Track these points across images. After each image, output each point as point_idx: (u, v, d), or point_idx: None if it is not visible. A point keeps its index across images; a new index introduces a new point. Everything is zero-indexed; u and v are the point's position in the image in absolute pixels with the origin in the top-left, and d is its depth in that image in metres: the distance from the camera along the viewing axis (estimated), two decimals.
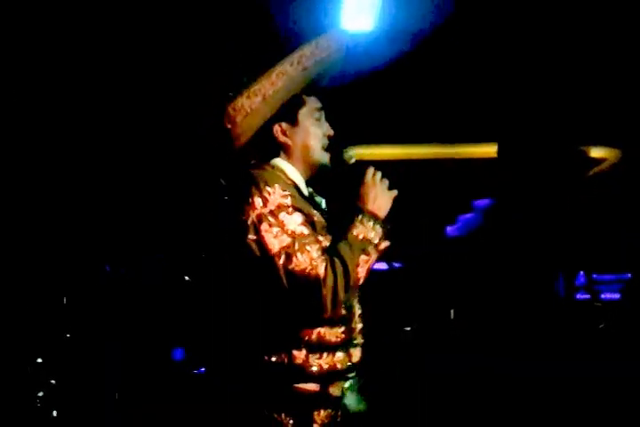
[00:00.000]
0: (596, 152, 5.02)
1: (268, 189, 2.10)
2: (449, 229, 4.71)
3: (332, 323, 2.12)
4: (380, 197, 2.15)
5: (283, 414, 2.13)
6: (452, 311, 4.51)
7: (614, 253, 4.64)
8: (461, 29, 4.86)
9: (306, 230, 2.06)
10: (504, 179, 4.82)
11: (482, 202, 4.72)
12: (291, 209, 2.08)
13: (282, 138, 2.27)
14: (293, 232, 2.05)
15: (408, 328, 4.58)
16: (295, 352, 2.11)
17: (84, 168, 4.83)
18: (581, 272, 4.59)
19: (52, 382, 4.31)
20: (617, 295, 4.55)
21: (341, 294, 2.03)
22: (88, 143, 4.84)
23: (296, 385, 2.13)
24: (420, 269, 4.61)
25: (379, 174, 2.19)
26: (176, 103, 4.73)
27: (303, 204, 2.15)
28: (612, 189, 4.76)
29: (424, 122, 5.13)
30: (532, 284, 4.47)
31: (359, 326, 2.22)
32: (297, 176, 2.26)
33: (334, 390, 2.17)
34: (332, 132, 2.30)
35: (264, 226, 2.07)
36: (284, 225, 2.06)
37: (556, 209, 4.61)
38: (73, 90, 4.77)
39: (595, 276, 4.58)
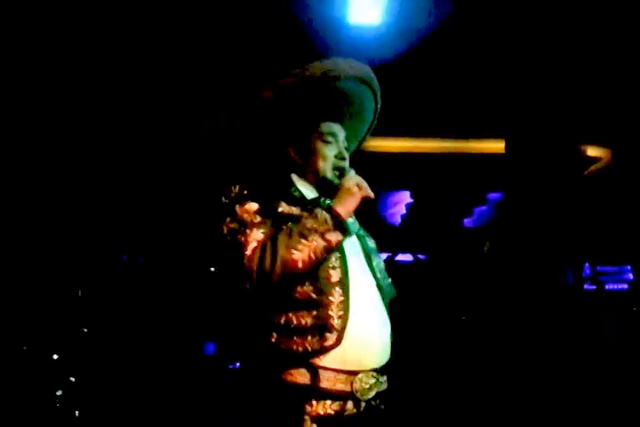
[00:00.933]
0: (592, 151, 5.22)
1: (231, 186, 2.36)
2: (466, 221, 4.76)
3: (301, 306, 2.24)
4: (345, 197, 2.30)
5: (274, 404, 2.20)
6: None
7: (617, 245, 4.84)
8: (470, 24, 4.92)
9: (257, 218, 2.28)
10: (511, 174, 4.93)
11: (495, 195, 4.81)
12: (247, 200, 2.31)
13: (295, 158, 2.50)
14: (243, 220, 2.27)
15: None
16: (270, 335, 2.24)
17: (102, 162, 4.60)
18: (586, 264, 4.76)
19: (72, 379, 4.02)
20: (620, 286, 4.76)
21: (268, 270, 2.18)
22: (103, 141, 4.63)
23: (284, 375, 2.22)
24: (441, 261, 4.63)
25: (356, 179, 2.34)
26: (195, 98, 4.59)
27: (273, 198, 2.36)
28: (611, 185, 4.97)
29: (437, 117, 5.16)
30: (542, 275, 4.59)
31: (339, 312, 2.26)
32: (305, 188, 2.47)
33: (336, 384, 2.21)
34: (345, 156, 2.47)
35: (223, 215, 2.32)
36: (236, 214, 2.30)
37: (559, 203, 4.76)
38: (75, 88, 4.55)
39: (599, 267, 4.77)
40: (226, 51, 4.55)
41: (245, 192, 2.33)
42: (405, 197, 4.70)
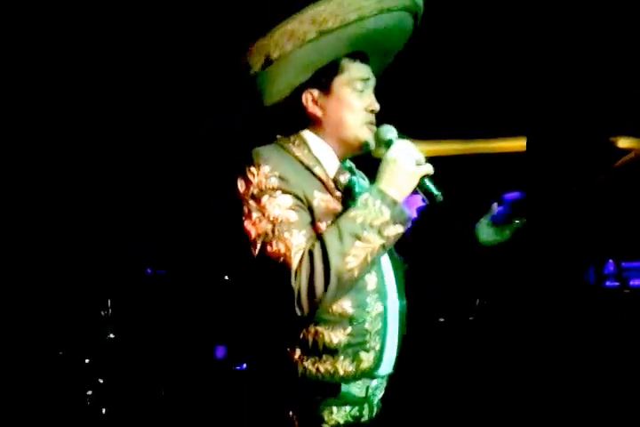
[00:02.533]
0: (623, 142, 5.04)
1: (253, 169, 1.87)
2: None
3: (334, 322, 1.88)
4: (398, 175, 1.84)
5: (290, 412, 1.92)
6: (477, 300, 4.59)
7: None
8: (489, 22, 4.88)
9: (293, 216, 1.82)
10: (533, 172, 4.88)
11: (511, 195, 4.77)
12: (278, 192, 1.84)
13: (311, 108, 2.01)
14: (275, 218, 1.81)
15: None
16: (289, 353, 1.90)
17: (123, 176, 4.97)
18: (610, 260, 4.62)
19: (100, 381, 4.50)
20: None
21: (319, 289, 1.75)
22: (124, 154, 4.97)
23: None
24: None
25: (406, 148, 1.89)
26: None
27: (306, 185, 1.90)
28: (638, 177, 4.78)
29: (454, 118, 5.18)
30: (562, 273, 4.52)
31: (377, 327, 1.94)
32: (325, 153, 2.00)
33: (352, 389, 1.96)
34: (376, 107, 2.01)
35: (244, 210, 1.87)
36: (265, 210, 1.83)
37: (584, 198, 4.65)
38: (77, 86, 4.81)
39: (624, 264, 4.61)
40: (224, 48, 4.73)
41: (274, 180, 1.84)
42: (417, 201, 4.81)
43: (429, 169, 1.87)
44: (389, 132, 1.96)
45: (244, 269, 1.93)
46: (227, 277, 4.69)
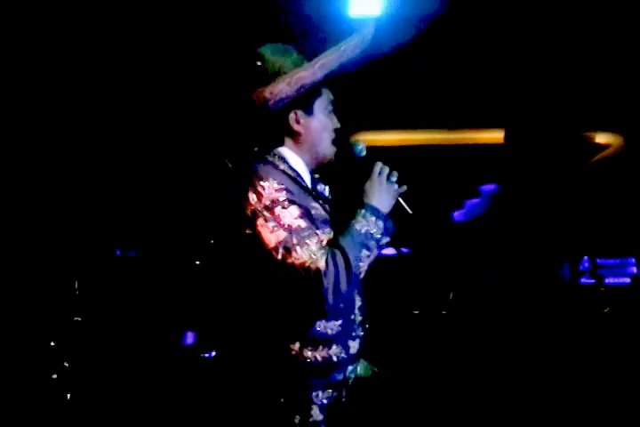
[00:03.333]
0: (600, 138, 5.05)
1: (262, 183, 2.11)
2: (456, 214, 4.74)
3: (329, 316, 2.15)
4: (384, 194, 2.19)
5: (281, 396, 2.18)
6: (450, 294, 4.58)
7: (618, 237, 4.68)
8: (469, 14, 4.86)
9: (303, 224, 2.08)
10: (510, 164, 4.86)
11: (488, 187, 4.76)
12: (286, 203, 2.09)
13: (295, 126, 2.27)
14: (290, 226, 2.06)
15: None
16: (290, 345, 2.16)
17: (96, 157, 4.89)
18: (585, 257, 4.63)
19: (65, 364, 4.41)
20: (621, 280, 4.60)
21: (343, 287, 2.03)
22: (101, 134, 4.90)
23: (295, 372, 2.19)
24: (427, 254, 4.65)
25: (386, 170, 2.22)
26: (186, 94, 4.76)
27: (302, 196, 2.17)
28: (615, 174, 4.80)
29: (431, 108, 5.15)
30: (536, 269, 4.52)
31: (359, 318, 2.25)
32: (301, 167, 2.28)
33: (335, 374, 2.24)
34: (339, 126, 2.33)
35: (260, 221, 2.09)
36: (280, 219, 2.07)
37: (560, 194, 4.65)
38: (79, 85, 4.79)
39: (599, 260, 4.62)
40: (222, 46, 4.69)
41: (283, 193, 2.11)
42: None
43: (404, 188, 2.22)
44: (363, 150, 2.31)
45: (255, 272, 2.15)
46: (198, 262, 4.61)
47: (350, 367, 2.28)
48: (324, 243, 2.09)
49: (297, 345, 2.15)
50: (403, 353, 4.42)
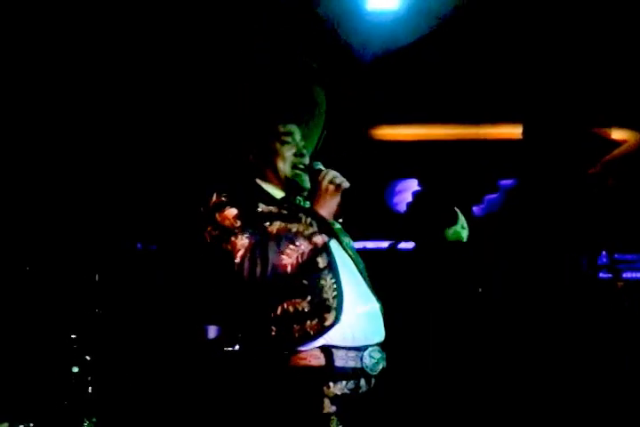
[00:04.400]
0: (617, 134, 5.07)
1: (208, 197, 2.48)
2: (475, 209, 4.77)
3: (292, 295, 2.37)
4: (323, 196, 2.45)
5: (291, 390, 2.30)
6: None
7: (637, 232, 4.71)
8: (487, 8, 4.86)
9: (238, 223, 2.38)
10: (528, 159, 4.88)
11: (507, 182, 4.78)
12: (226, 206, 2.42)
13: (255, 162, 2.65)
14: (224, 226, 2.39)
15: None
16: (269, 329, 2.36)
17: (118, 156, 4.90)
18: (604, 252, 4.66)
19: (87, 357, 4.41)
20: (639, 275, 4.64)
21: (259, 275, 2.29)
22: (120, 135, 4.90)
23: (296, 360, 2.34)
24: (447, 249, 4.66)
25: (329, 176, 2.47)
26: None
27: (248, 200, 2.48)
28: (633, 169, 4.83)
29: (449, 102, 5.16)
30: (554, 263, 4.55)
31: (333, 293, 2.39)
32: (271, 189, 2.62)
33: (347, 363, 2.36)
34: (304, 151, 2.64)
35: (203, 225, 2.46)
36: (217, 222, 2.41)
37: (578, 189, 4.67)
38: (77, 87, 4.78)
39: (617, 255, 4.65)
40: (238, 41, 4.68)
41: (223, 199, 2.45)
42: (412, 185, 4.76)
43: (346, 185, 2.46)
44: (317, 164, 2.59)
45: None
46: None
47: (366, 353, 2.40)
48: (249, 240, 2.35)
49: (275, 327, 2.35)
50: (423, 348, 4.44)
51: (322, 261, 2.43)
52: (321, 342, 2.34)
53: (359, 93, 5.01)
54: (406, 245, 4.97)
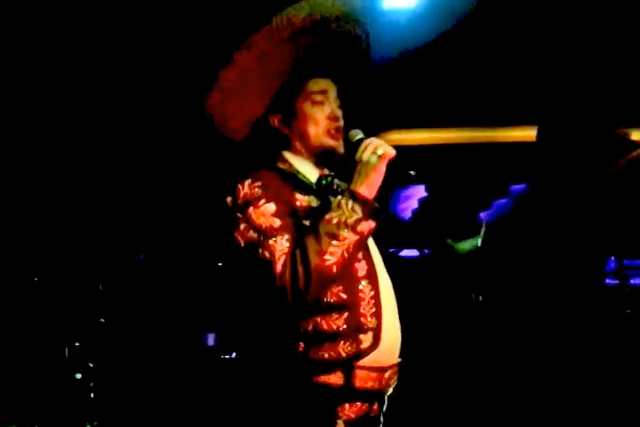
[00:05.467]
0: (636, 135, 4.84)
1: (239, 185, 2.08)
2: (482, 214, 4.64)
3: (330, 309, 2.05)
4: (363, 173, 2.05)
5: (304, 409, 2.06)
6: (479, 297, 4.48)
7: None
8: (504, 8, 4.74)
9: (277, 222, 2.02)
10: (541, 163, 4.71)
11: (518, 187, 4.63)
12: (262, 200, 2.04)
13: (280, 129, 2.23)
14: (260, 226, 2.02)
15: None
16: (296, 344, 2.06)
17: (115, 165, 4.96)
18: (612, 258, 4.45)
19: (90, 364, 4.49)
20: None
21: (302, 286, 1.95)
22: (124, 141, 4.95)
23: (314, 378, 2.06)
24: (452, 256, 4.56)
25: (371, 146, 2.06)
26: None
27: (284, 191, 2.11)
28: None
29: (461, 105, 5.05)
30: (561, 269, 4.38)
31: (372, 309, 2.10)
32: (303, 166, 2.23)
33: (367, 384, 2.10)
34: (338, 114, 2.21)
35: (233, 222, 2.08)
36: (252, 220, 2.04)
37: (591, 194, 4.48)
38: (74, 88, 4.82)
39: (626, 261, 4.45)
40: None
41: (257, 190, 2.06)
42: (419, 192, 4.67)
43: (392, 153, 2.04)
44: (357, 134, 2.16)
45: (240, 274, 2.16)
46: (220, 264, 4.63)
47: (387, 376, 2.16)
48: (290, 243, 2.00)
49: (301, 346, 2.05)
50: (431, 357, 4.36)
51: (361, 268, 2.11)
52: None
53: (369, 97, 4.95)
54: (409, 252, 4.90)
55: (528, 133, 4.92)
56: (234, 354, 4.47)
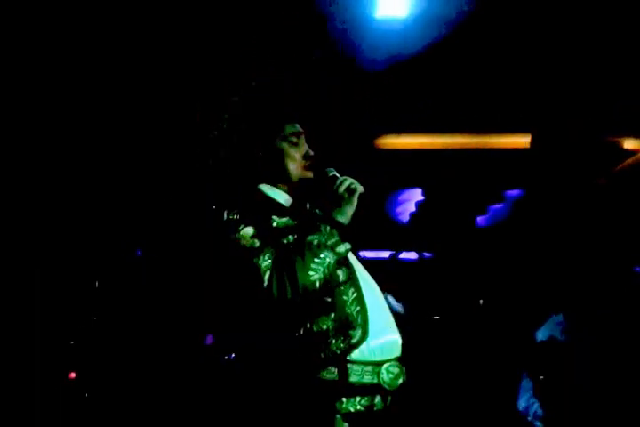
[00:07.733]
0: (629, 143, 4.96)
1: (222, 215, 2.30)
2: (479, 219, 4.70)
3: (319, 312, 2.24)
4: (341, 205, 2.31)
5: (302, 405, 2.19)
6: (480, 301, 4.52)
7: None
8: (496, 16, 4.80)
9: (256, 243, 2.22)
10: (536, 170, 4.80)
11: (513, 192, 4.71)
12: (241, 225, 2.26)
13: (263, 166, 2.47)
14: (244, 246, 2.22)
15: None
16: (291, 344, 2.21)
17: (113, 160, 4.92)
18: None
19: (85, 363, 4.45)
20: None
21: (289, 296, 2.16)
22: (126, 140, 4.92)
23: (310, 375, 2.19)
24: (450, 259, 4.61)
25: (346, 182, 2.34)
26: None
27: (260, 214, 2.33)
28: None
29: (456, 111, 5.10)
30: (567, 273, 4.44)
31: (356, 308, 2.28)
32: (278, 195, 2.46)
33: (363, 378, 2.22)
34: (311, 153, 2.48)
35: (221, 246, 2.29)
36: (234, 241, 2.24)
37: (585, 201, 4.58)
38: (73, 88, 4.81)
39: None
40: (246, 48, 4.69)
41: (235, 217, 2.29)
42: (415, 195, 4.71)
43: (361, 189, 2.34)
44: (331, 171, 2.43)
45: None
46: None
47: (383, 369, 2.27)
48: (271, 259, 2.21)
49: (297, 345, 2.22)
50: (431, 360, 4.38)
51: (342, 274, 2.31)
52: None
53: (365, 102, 4.98)
54: (408, 255, 4.95)
55: (521, 140, 5.03)
56: (232, 355, 4.45)
